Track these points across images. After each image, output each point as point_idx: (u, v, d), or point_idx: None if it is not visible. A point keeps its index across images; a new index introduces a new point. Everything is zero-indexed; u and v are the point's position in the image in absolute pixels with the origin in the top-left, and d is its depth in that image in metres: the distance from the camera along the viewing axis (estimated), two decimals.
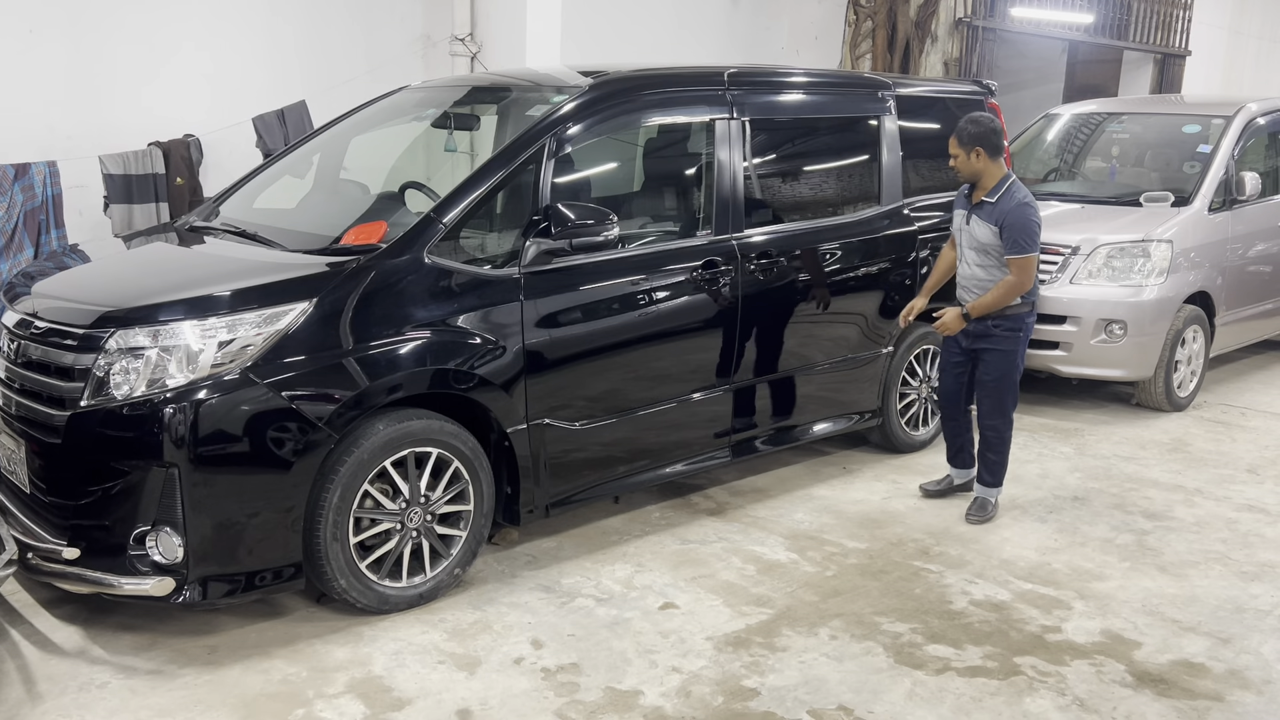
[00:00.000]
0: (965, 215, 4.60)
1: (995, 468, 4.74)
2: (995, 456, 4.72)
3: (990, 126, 4.44)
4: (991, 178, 4.47)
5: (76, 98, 6.15)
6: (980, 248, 4.52)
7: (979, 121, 4.46)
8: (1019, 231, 4.39)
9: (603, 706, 3.19)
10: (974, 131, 4.42)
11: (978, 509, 4.74)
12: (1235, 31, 15.02)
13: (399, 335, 3.57)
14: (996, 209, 4.44)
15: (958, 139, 4.45)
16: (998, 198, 4.45)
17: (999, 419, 4.67)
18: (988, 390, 4.65)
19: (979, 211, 4.51)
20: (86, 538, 3.33)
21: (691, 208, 4.65)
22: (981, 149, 4.43)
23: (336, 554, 3.49)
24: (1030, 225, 4.41)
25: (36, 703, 3.11)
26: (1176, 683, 3.44)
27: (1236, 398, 6.88)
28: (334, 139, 4.87)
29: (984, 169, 4.46)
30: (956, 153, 4.47)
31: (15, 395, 3.54)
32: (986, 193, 4.48)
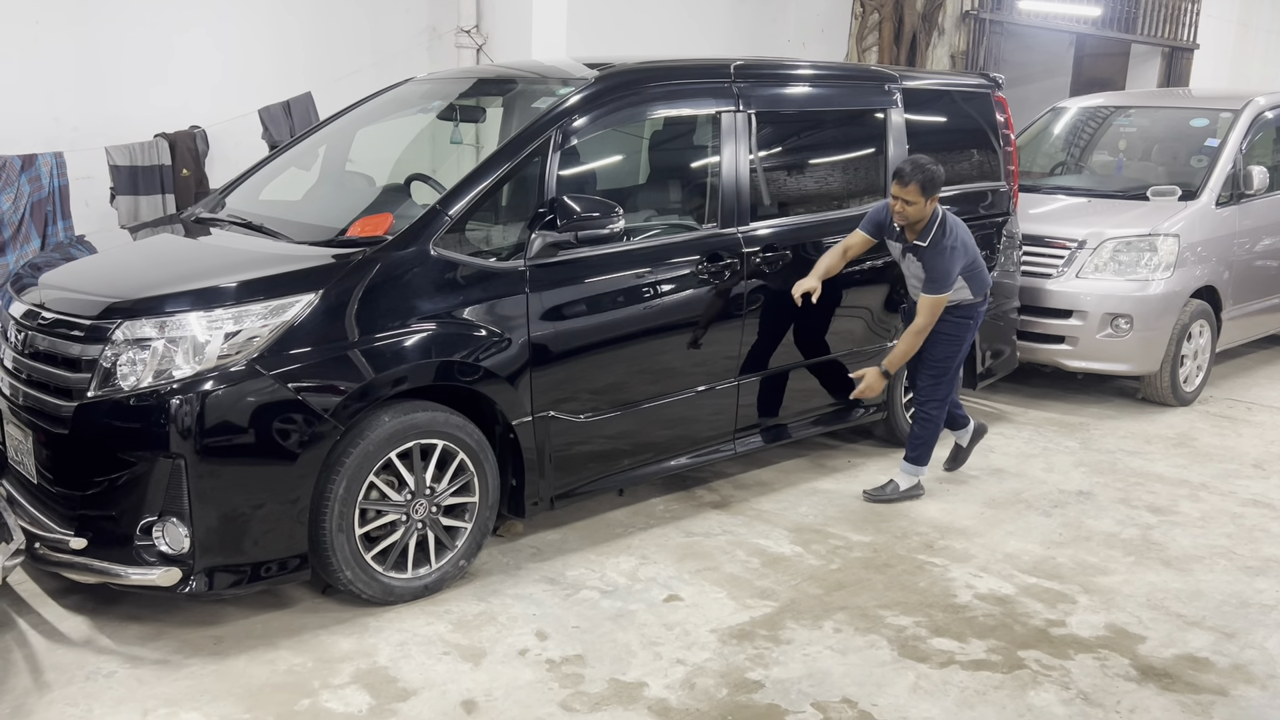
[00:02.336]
0: (900, 250, 4.64)
1: (921, 446, 4.78)
2: (923, 434, 4.77)
3: (942, 174, 4.44)
4: (924, 221, 4.50)
5: (83, 89, 6.15)
6: (917, 277, 4.60)
7: (936, 168, 4.41)
8: (940, 273, 4.46)
9: (607, 698, 3.20)
10: (938, 178, 4.40)
11: (884, 492, 4.79)
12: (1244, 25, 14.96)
13: (404, 327, 3.58)
14: (926, 253, 4.49)
15: (922, 187, 4.35)
16: (928, 242, 4.49)
17: (933, 400, 4.74)
18: (929, 369, 4.71)
19: (915, 252, 4.56)
20: (93, 528, 3.34)
21: (697, 201, 4.64)
22: (936, 196, 4.45)
23: (342, 545, 3.50)
24: (949, 270, 4.46)
25: (44, 692, 3.13)
26: (1181, 677, 3.44)
27: (1243, 393, 6.87)
28: (340, 131, 4.87)
29: (927, 214, 4.47)
30: (916, 200, 4.38)
31: (22, 386, 3.55)
32: (918, 235, 4.51)
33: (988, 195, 5.70)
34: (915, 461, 4.82)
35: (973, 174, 5.67)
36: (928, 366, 4.72)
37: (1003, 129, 5.81)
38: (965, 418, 5.04)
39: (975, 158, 5.71)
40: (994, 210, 5.71)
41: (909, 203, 4.41)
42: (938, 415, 4.78)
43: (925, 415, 4.77)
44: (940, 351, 4.68)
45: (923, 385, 4.76)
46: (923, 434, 4.79)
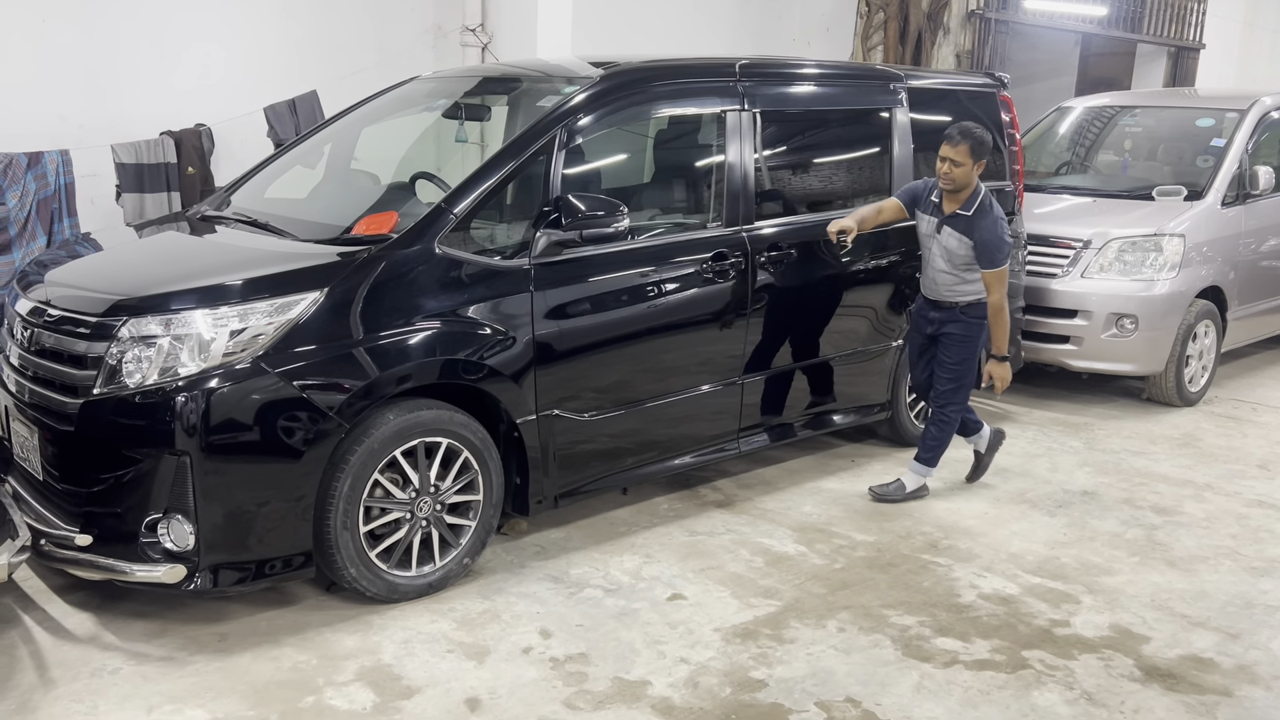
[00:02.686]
0: (936, 223, 4.58)
1: (934, 448, 4.77)
2: (938, 435, 4.75)
3: (990, 140, 4.46)
4: (970, 190, 4.49)
5: (89, 87, 6.16)
6: (950, 258, 4.55)
7: (985, 132, 4.47)
8: (994, 246, 4.42)
9: (611, 696, 3.20)
10: (987, 144, 4.45)
11: (888, 490, 4.77)
12: (1250, 25, 14.93)
13: (409, 325, 3.58)
14: (970, 223, 4.46)
15: (972, 149, 4.39)
16: (973, 211, 4.47)
17: (952, 404, 4.72)
18: (947, 371, 4.68)
19: (953, 223, 4.51)
20: (99, 525, 3.35)
21: (702, 199, 4.64)
22: (984, 162, 4.47)
23: (346, 543, 3.51)
24: (1001, 240, 4.45)
25: (49, 688, 3.14)
26: (1185, 677, 3.44)
27: (1248, 393, 6.85)
28: (345, 129, 4.88)
29: (974, 180, 4.48)
30: (965, 161, 4.39)
31: (28, 383, 3.56)
32: (962, 205, 4.49)
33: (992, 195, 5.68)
34: (926, 463, 4.80)
35: None
36: (946, 369, 4.69)
37: (1008, 128, 5.81)
38: (978, 422, 4.99)
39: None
40: None
41: (957, 164, 4.39)
42: (955, 418, 4.76)
43: (943, 418, 4.74)
44: (957, 354, 4.65)
45: (942, 389, 4.71)
46: (938, 436, 4.76)
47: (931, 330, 4.71)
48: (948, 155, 4.42)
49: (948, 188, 4.49)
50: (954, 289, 4.61)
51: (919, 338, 4.82)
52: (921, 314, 4.79)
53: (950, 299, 4.62)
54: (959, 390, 4.71)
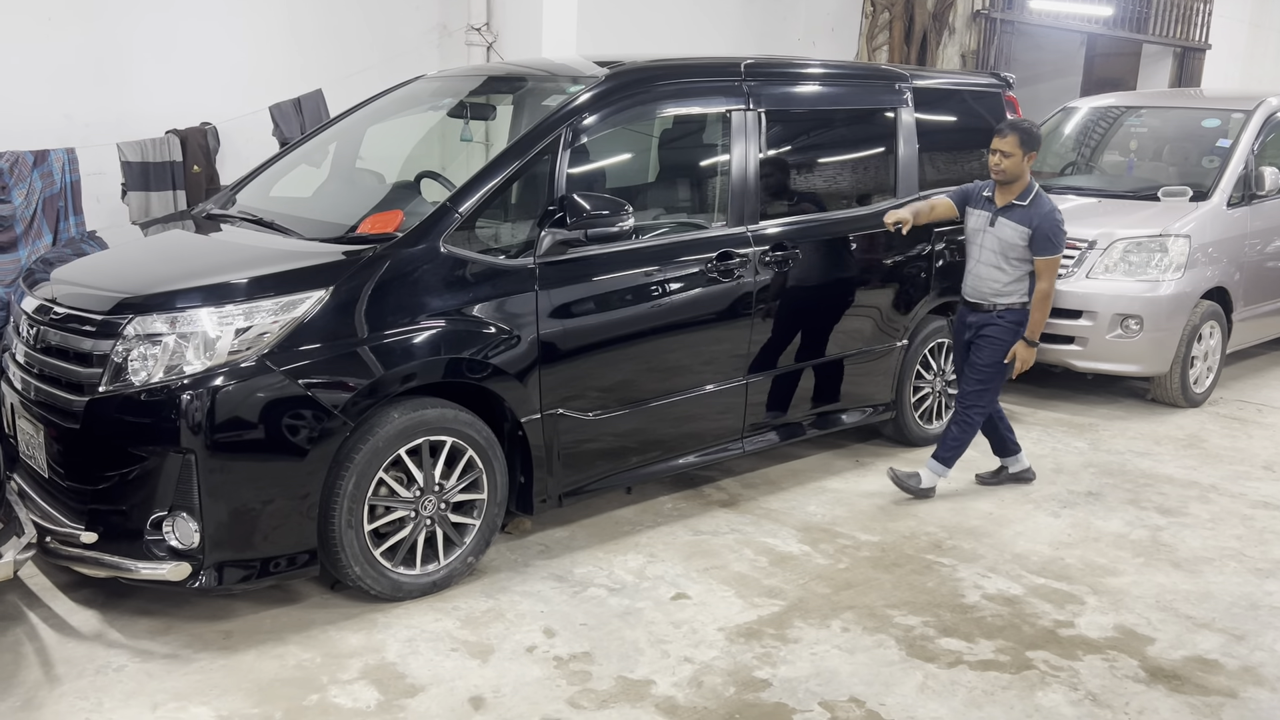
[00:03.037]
0: (989, 217, 4.62)
1: (955, 448, 4.77)
2: (959, 436, 4.76)
3: (1041, 134, 4.60)
4: (1025, 181, 4.57)
5: (95, 85, 6.18)
6: (1003, 250, 4.58)
7: (1036, 127, 4.57)
8: (1053, 233, 4.52)
9: (615, 696, 3.20)
10: (1037, 136, 4.54)
11: (907, 477, 4.79)
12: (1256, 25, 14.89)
13: (414, 324, 3.58)
14: (1029, 212, 4.53)
15: (1021, 140, 4.48)
16: (1029, 201, 4.55)
17: (977, 406, 4.73)
18: (977, 373, 4.71)
19: (1008, 214, 4.56)
20: (104, 522, 3.36)
21: (706, 199, 4.64)
22: (1035, 154, 4.55)
23: (351, 541, 3.51)
24: (1060, 230, 4.55)
25: (54, 685, 3.14)
26: (1190, 679, 3.43)
27: (1253, 394, 6.84)
28: (350, 128, 4.88)
29: (1025, 172, 4.56)
30: (1015, 152, 4.48)
31: (34, 381, 3.56)
32: (1017, 195, 4.57)
33: None
34: (944, 462, 4.81)
35: (983, 174, 5.65)
36: (976, 371, 4.71)
37: None
38: (1018, 445, 5.01)
39: (986, 157, 5.69)
40: None
41: (1007, 155, 4.48)
42: (978, 420, 4.76)
43: (967, 419, 4.75)
44: (989, 356, 4.67)
45: (969, 390, 4.74)
46: (959, 437, 4.77)
47: (969, 336, 4.75)
48: (998, 147, 4.52)
49: (1000, 179, 4.57)
50: (996, 287, 4.62)
51: (961, 343, 4.84)
52: (961, 320, 4.82)
53: (990, 300, 4.64)
54: (985, 393, 4.72)
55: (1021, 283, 4.60)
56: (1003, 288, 4.61)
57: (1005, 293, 4.61)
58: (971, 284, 4.73)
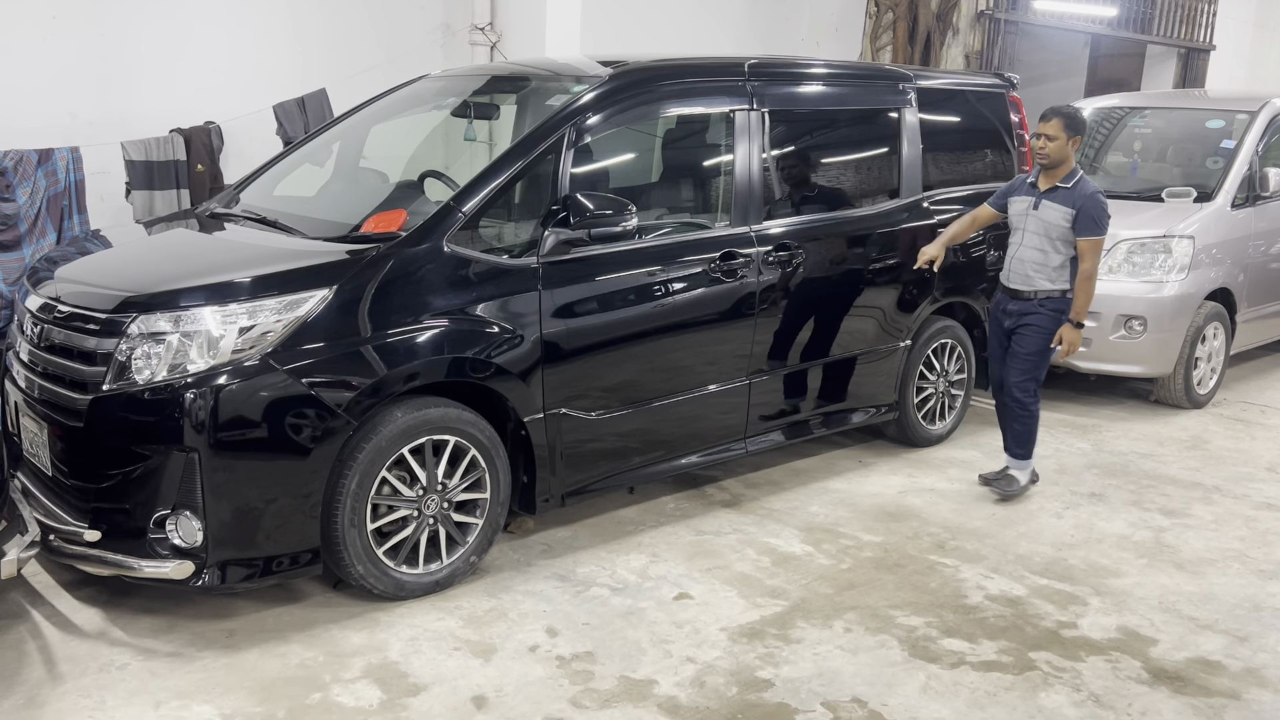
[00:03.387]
0: (1033, 201, 4.69)
1: (1023, 438, 4.85)
2: (1022, 426, 4.83)
3: (1085, 119, 4.69)
4: (1069, 166, 4.65)
5: (99, 84, 6.18)
6: (1046, 231, 4.64)
7: (1079, 111, 4.67)
8: (1097, 214, 4.57)
9: (617, 695, 3.21)
10: (1081, 120, 4.61)
11: (1004, 484, 4.88)
12: (1261, 26, 14.87)
13: (417, 323, 3.59)
14: (1073, 194, 4.60)
15: (1065, 123, 4.56)
16: (1073, 184, 4.62)
17: (1027, 392, 4.78)
18: (1020, 362, 4.77)
19: (1051, 196, 4.64)
20: (107, 521, 3.36)
21: (710, 199, 4.64)
22: (1079, 138, 4.62)
23: (354, 540, 3.51)
24: (1105, 211, 4.61)
25: (57, 683, 3.15)
26: (1193, 680, 3.43)
27: (1257, 395, 6.83)
28: (354, 127, 4.89)
29: (1069, 156, 4.63)
30: (1058, 135, 4.56)
31: (38, 379, 3.57)
32: (1061, 179, 4.64)
33: None
34: (1023, 457, 4.89)
35: (987, 174, 5.66)
36: (1020, 361, 4.77)
37: (1017, 129, 5.80)
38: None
39: (989, 158, 5.70)
40: None
41: (1051, 138, 4.57)
42: (1035, 407, 4.83)
43: (1025, 412, 4.81)
44: (1033, 344, 4.73)
45: (1018, 380, 4.79)
46: (1025, 429, 4.84)
47: (1010, 324, 4.79)
48: (1042, 131, 4.60)
49: (1044, 163, 4.64)
50: (1039, 272, 4.67)
51: (997, 331, 4.89)
52: (999, 308, 4.87)
53: (1032, 286, 4.69)
54: (1032, 381, 4.79)
55: (1064, 270, 4.65)
56: (1044, 270, 4.66)
57: (1048, 277, 4.66)
58: (1013, 268, 4.78)
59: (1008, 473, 4.91)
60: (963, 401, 5.67)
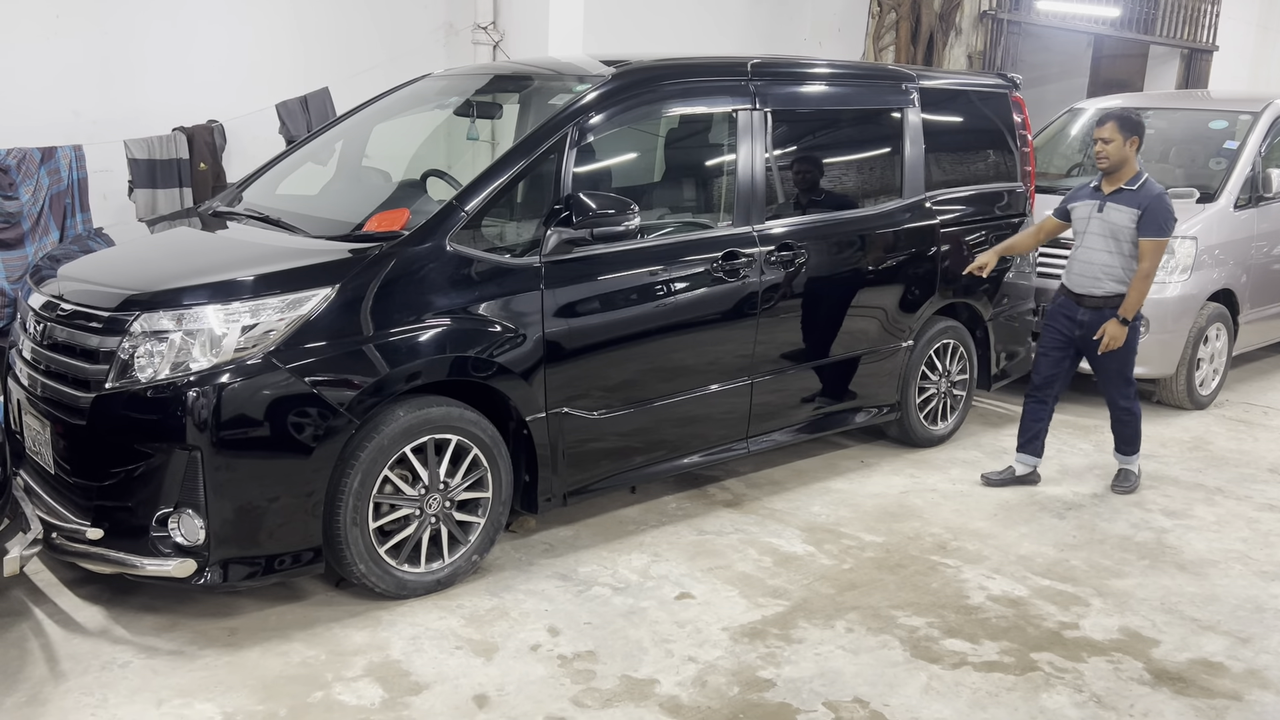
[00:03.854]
0: (1098, 204, 4.76)
1: (1132, 438, 5.01)
2: (1129, 430, 5.00)
3: (1143, 121, 4.77)
4: (1132, 168, 4.73)
5: (102, 83, 6.19)
6: (1112, 233, 4.71)
7: (1135, 113, 4.76)
8: (1162, 216, 4.63)
9: (618, 694, 3.21)
10: (1136, 121, 4.70)
11: (1121, 479, 5.05)
12: (1264, 27, 14.86)
13: (420, 322, 3.59)
14: (1139, 195, 4.67)
15: (1120, 125, 4.64)
16: (1139, 186, 4.69)
17: (1126, 397, 4.93)
18: (1111, 375, 4.90)
19: (1117, 198, 4.71)
20: (110, 519, 3.36)
21: (712, 198, 4.64)
22: (1137, 139, 4.69)
23: (356, 539, 3.51)
24: (1171, 213, 4.67)
25: (59, 681, 3.15)
26: (1195, 681, 3.43)
27: (1259, 396, 6.83)
28: (356, 126, 4.89)
29: (1130, 158, 4.70)
30: (1113, 137, 4.64)
31: (41, 377, 3.57)
32: (1126, 181, 4.72)
33: (1004, 196, 5.68)
34: (1130, 453, 5.04)
35: (989, 174, 5.65)
36: (1111, 375, 4.89)
37: (1020, 129, 5.80)
38: (1042, 451, 5.08)
39: (992, 158, 5.69)
40: (1010, 211, 5.69)
41: (1107, 141, 4.66)
42: (1137, 408, 4.97)
43: (1130, 415, 4.95)
44: (1116, 358, 4.81)
45: (1117, 392, 4.93)
46: (1131, 431, 4.99)
47: (1080, 333, 4.82)
48: (1099, 135, 4.70)
49: (1104, 166, 4.72)
50: (1107, 274, 4.73)
51: (1057, 335, 4.91)
52: (1065, 313, 4.88)
53: (1101, 290, 4.74)
54: (1127, 385, 4.91)
55: (1134, 271, 4.70)
56: (1115, 273, 4.71)
57: (1117, 279, 4.72)
58: (1076, 270, 4.83)
59: (1121, 470, 5.08)
60: (965, 402, 5.67)
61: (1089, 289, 4.76)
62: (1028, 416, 5.03)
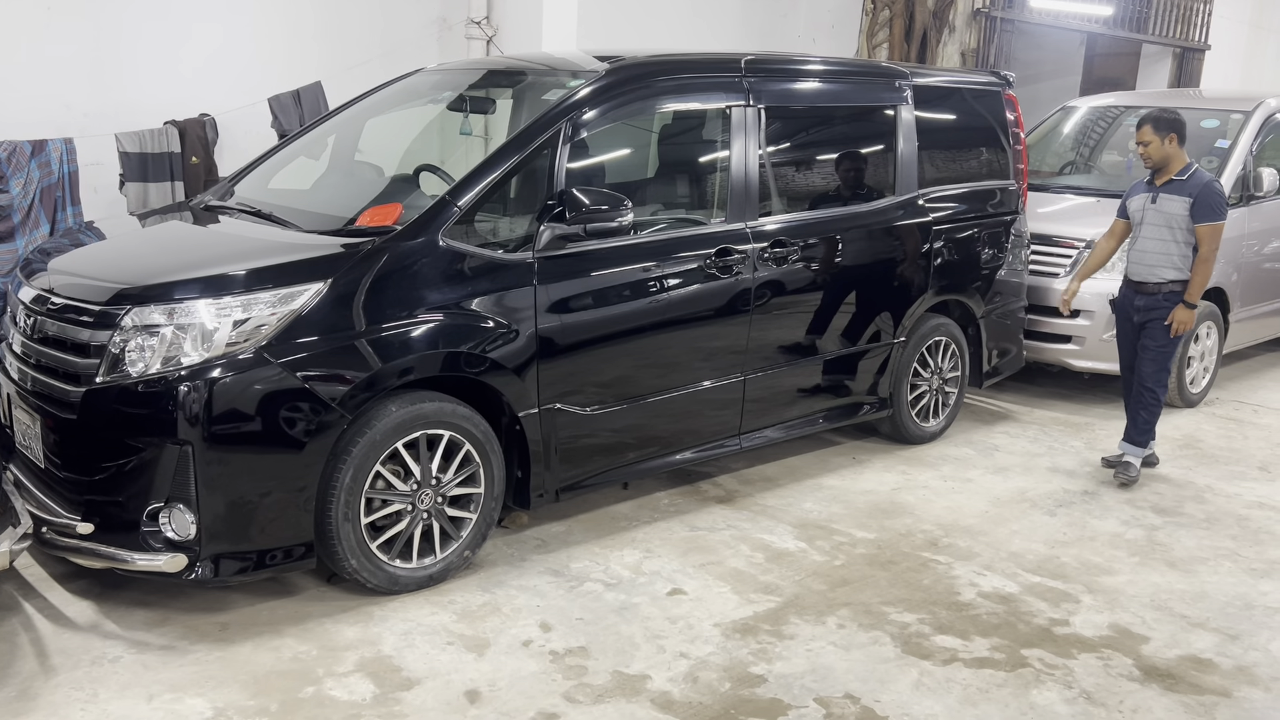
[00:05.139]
0: (1150, 196, 5.04)
1: (1146, 427, 5.16)
2: (1148, 415, 5.15)
3: (1180, 117, 5.00)
4: (1179, 161, 5.00)
5: (94, 76, 6.16)
6: (1168, 222, 4.96)
7: (1170, 111, 5.00)
8: (1214, 201, 4.91)
9: (610, 690, 3.21)
10: (1169, 119, 4.94)
11: (1123, 469, 5.14)
12: (1256, 26, 14.90)
13: (412, 318, 3.58)
14: (1188, 184, 4.95)
15: (1154, 127, 4.92)
16: (1188, 176, 4.97)
17: (1160, 386, 5.12)
18: (1151, 356, 5.09)
19: (1168, 189, 4.99)
20: (100, 513, 3.35)
21: (706, 195, 4.64)
22: (1175, 135, 4.94)
23: (348, 534, 3.51)
24: (1221, 199, 4.96)
25: (50, 676, 3.14)
26: (1184, 678, 3.44)
27: (1249, 395, 6.85)
28: (349, 120, 4.87)
29: (1173, 154, 4.97)
30: (1150, 139, 4.93)
31: (31, 371, 3.56)
32: (1176, 173, 4.99)
33: (996, 193, 5.69)
34: (1143, 444, 5.16)
35: (982, 172, 5.66)
36: (1151, 354, 5.08)
37: (1013, 127, 5.80)
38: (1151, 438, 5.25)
39: (985, 156, 5.70)
40: (1003, 209, 5.70)
41: (1146, 143, 4.96)
42: (1162, 397, 5.15)
43: (1153, 401, 5.13)
44: (1162, 338, 5.03)
45: (1149, 372, 5.09)
46: (1151, 416, 5.15)
47: (1138, 319, 5.10)
48: (1138, 139, 5.00)
49: (1149, 166, 5.03)
50: (1162, 261, 4.97)
51: (1125, 323, 5.21)
52: (1127, 302, 5.18)
53: (1156, 277, 4.99)
54: (1161, 371, 5.09)
55: (1187, 258, 4.96)
56: (1168, 259, 4.95)
57: (1173, 265, 4.94)
58: (1136, 262, 5.08)
59: (1125, 459, 5.17)
60: (956, 399, 5.68)
61: (1146, 276, 5.03)
62: (1127, 404, 5.27)
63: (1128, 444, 5.18)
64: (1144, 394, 5.14)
